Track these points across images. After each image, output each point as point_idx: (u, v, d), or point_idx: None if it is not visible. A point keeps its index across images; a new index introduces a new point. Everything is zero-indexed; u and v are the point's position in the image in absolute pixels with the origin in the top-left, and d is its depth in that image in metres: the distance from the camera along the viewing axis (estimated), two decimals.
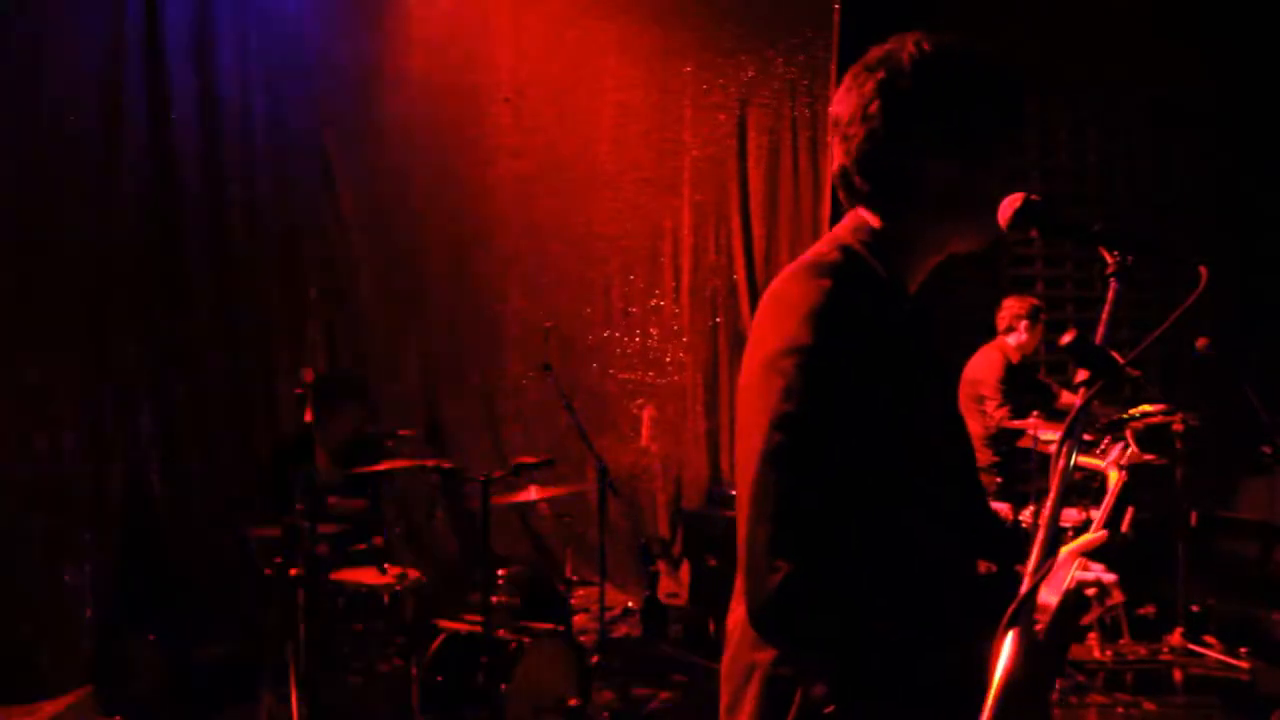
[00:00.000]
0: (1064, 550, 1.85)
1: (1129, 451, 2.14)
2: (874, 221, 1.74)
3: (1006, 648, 1.23)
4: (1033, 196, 1.54)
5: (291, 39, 6.78)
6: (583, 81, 7.58)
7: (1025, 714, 1.45)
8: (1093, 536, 1.87)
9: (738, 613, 1.65)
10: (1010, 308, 6.26)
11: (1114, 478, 2.14)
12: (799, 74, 7.49)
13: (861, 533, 1.54)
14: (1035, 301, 6.32)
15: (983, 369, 6.10)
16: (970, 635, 1.49)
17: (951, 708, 1.50)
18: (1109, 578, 1.71)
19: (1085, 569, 1.82)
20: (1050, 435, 5.41)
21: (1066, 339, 1.40)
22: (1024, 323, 6.20)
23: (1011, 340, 6.21)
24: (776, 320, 1.60)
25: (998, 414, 5.96)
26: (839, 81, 1.78)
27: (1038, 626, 1.72)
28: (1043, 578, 1.26)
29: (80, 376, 5.76)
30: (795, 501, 1.49)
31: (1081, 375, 1.40)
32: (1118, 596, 1.75)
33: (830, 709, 1.55)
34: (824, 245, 1.72)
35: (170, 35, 6.21)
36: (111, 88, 5.89)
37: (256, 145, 6.65)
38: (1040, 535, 1.29)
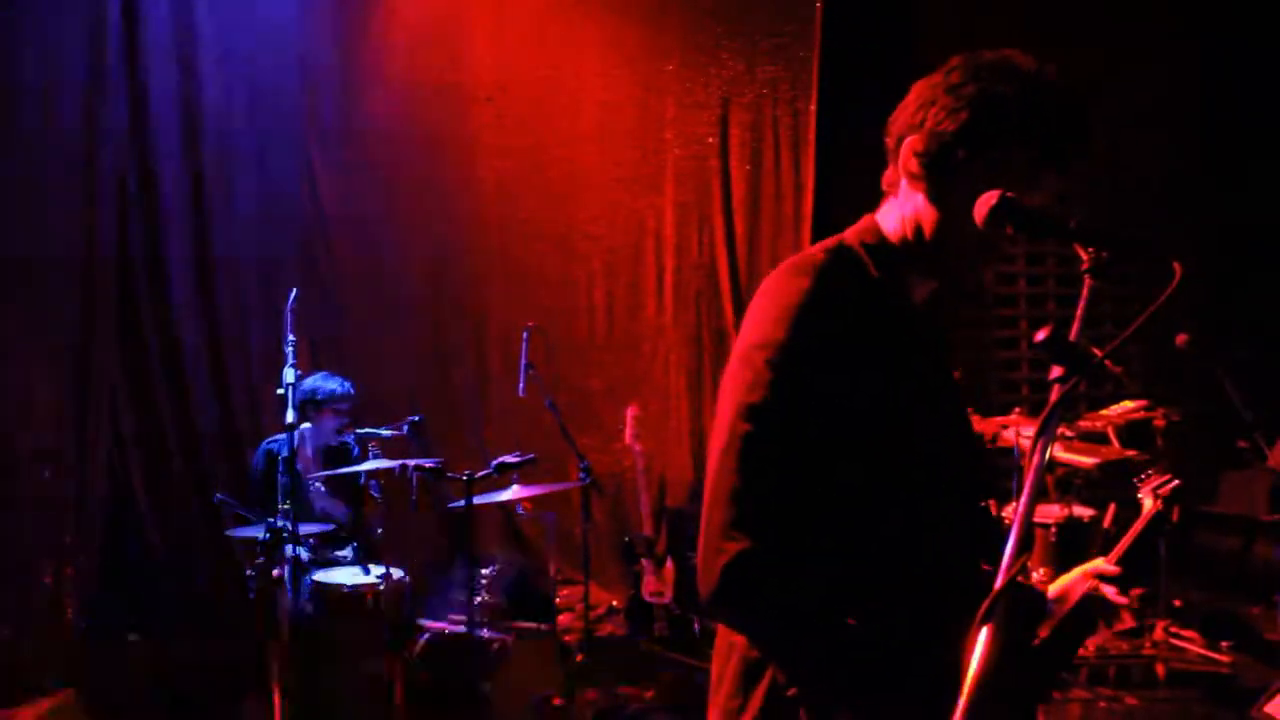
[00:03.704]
0: (1078, 570, 1.86)
1: (1172, 484, 2.12)
2: (884, 226, 1.76)
3: (980, 645, 1.23)
4: (1008, 194, 1.55)
5: (273, 38, 6.76)
6: (565, 81, 7.56)
7: (1002, 714, 1.46)
8: (1107, 567, 1.87)
9: None
10: None
11: (1148, 505, 2.14)
12: (782, 72, 7.48)
13: (825, 524, 1.57)
14: None
15: None
16: (943, 632, 1.51)
17: (916, 702, 1.52)
18: (1119, 601, 1.70)
19: (1096, 589, 1.82)
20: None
21: (1041, 335, 1.41)
22: None
23: None
24: (755, 316, 1.65)
25: None
26: (821, 79, 1.79)
27: (1040, 633, 1.74)
28: (1016, 574, 1.26)
29: (63, 379, 5.73)
30: (749, 487, 1.55)
31: (1056, 371, 1.40)
32: (1128, 620, 1.75)
33: (794, 691, 1.60)
34: (819, 244, 1.75)
35: (150, 35, 6.19)
36: (91, 88, 5.86)
37: (237, 145, 6.63)
38: (1014, 532, 1.29)
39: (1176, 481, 2.10)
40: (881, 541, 1.62)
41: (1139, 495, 2.16)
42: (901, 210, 1.74)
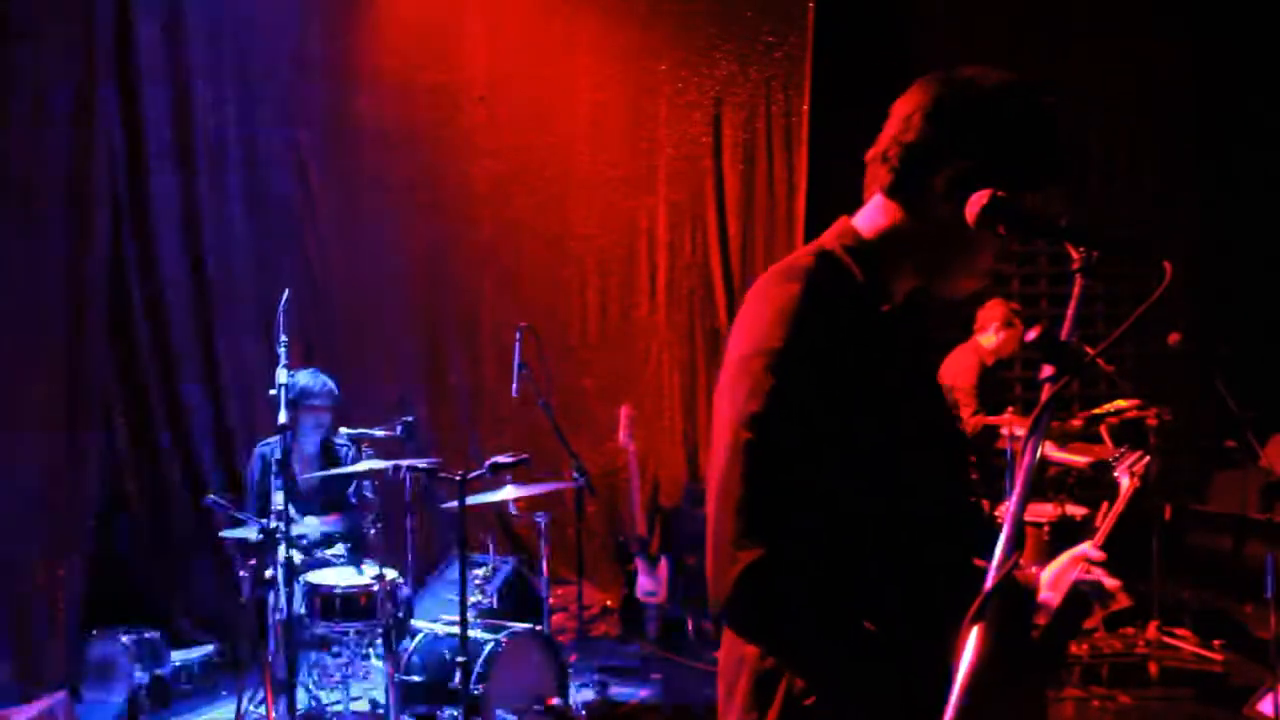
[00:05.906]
0: (1066, 555, 1.87)
1: (1145, 461, 2.13)
2: (862, 228, 1.77)
3: (971, 643, 1.24)
4: (999, 193, 1.55)
5: (265, 38, 6.75)
6: (558, 80, 7.56)
7: (1000, 711, 1.46)
8: (1094, 552, 1.88)
9: None
10: (989, 310, 6.28)
11: (1125, 484, 2.14)
12: (774, 72, 7.49)
13: (829, 528, 1.57)
14: (1014, 305, 6.34)
15: (958, 373, 6.11)
16: (944, 632, 1.51)
17: (923, 701, 1.52)
18: (1112, 583, 1.71)
19: (1088, 573, 1.83)
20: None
21: (1032, 334, 1.41)
22: (995, 325, 6.22)
23: (986, 343, 6.23)
24: (749, 323, 1.65)
25: (974, 420, 5.98)
26: (813, 80, 1.80)
27: (1038, 622, 1.74)
28: (1007, 573, 1.26)
29: (56, 382, 5.71)
30: (758, 495, 1.54)
31: (1047, 370, 1.40)
32: (1123, 601, 1.75)
33: (810, 700, 1.59)
34: (804, 250, 1.76)
35: (143, 35, 6.17)
36: (83, 87, 5.84)
37: (230, 145, 6.62)
38: (1005, 530, 1.29)
39: (1148, 457, 2.11)
40: (880, 543, 1.63)
41: (1115, 475, 2.18)
42: (883, 217, 1.76)
